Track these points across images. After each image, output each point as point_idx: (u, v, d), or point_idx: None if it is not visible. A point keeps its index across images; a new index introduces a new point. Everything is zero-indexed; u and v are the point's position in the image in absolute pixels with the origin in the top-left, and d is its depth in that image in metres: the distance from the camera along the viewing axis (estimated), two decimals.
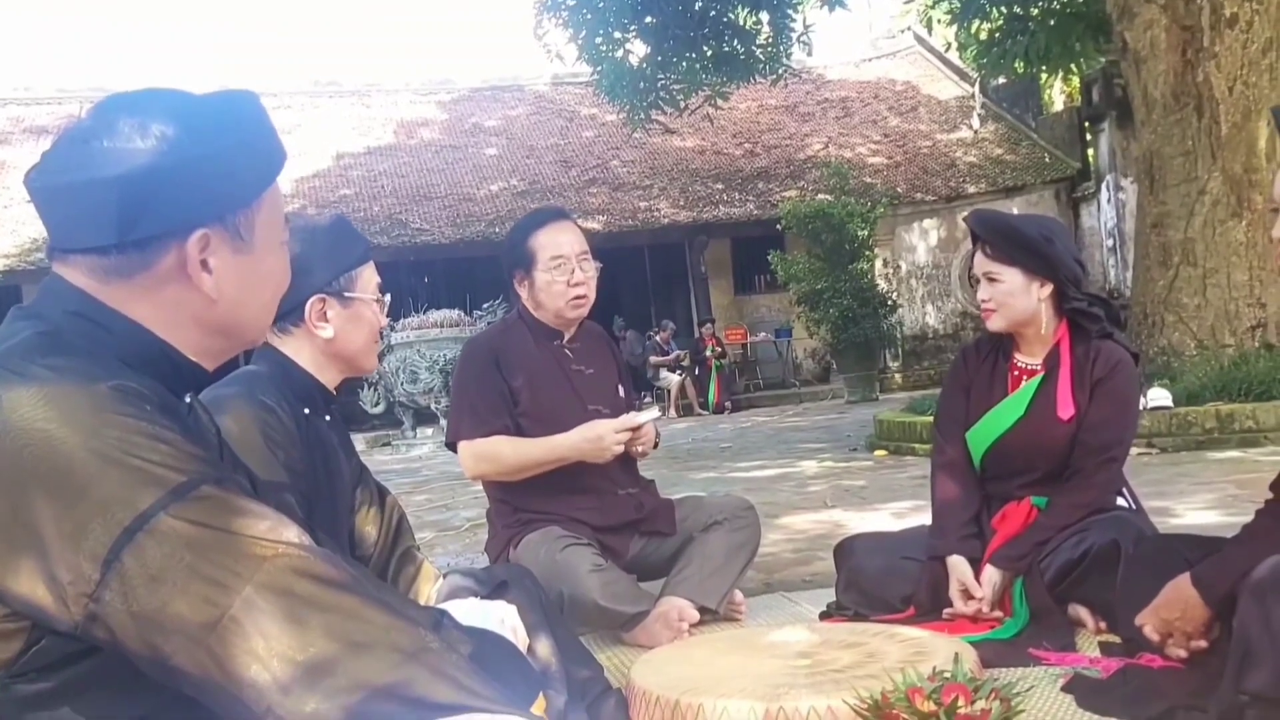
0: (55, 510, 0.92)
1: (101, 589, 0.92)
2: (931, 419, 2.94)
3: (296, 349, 1.89)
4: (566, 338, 2.84)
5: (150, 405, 0.98)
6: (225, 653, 0.92)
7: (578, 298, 2.75)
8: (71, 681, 0.98)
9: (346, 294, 1.89)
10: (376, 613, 0.99)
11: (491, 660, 1.15)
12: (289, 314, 1.85)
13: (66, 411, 0.94)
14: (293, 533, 0.98)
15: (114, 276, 1.06)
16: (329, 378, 1.94)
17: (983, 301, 2.61)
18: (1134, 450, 3.01)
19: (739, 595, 2.84)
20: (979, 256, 2.60)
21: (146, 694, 0.99)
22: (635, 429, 2.67)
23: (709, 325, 16.85)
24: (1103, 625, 2.38)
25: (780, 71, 13.57)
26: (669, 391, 15.66)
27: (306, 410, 1.85)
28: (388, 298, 1.99)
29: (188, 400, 1.15)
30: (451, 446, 2.79)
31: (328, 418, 1.93)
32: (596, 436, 2.63)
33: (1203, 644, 1.95)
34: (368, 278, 1.94)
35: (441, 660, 1.00)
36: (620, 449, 2.66)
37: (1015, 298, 2.55)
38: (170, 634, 0.92)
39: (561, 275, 2.72)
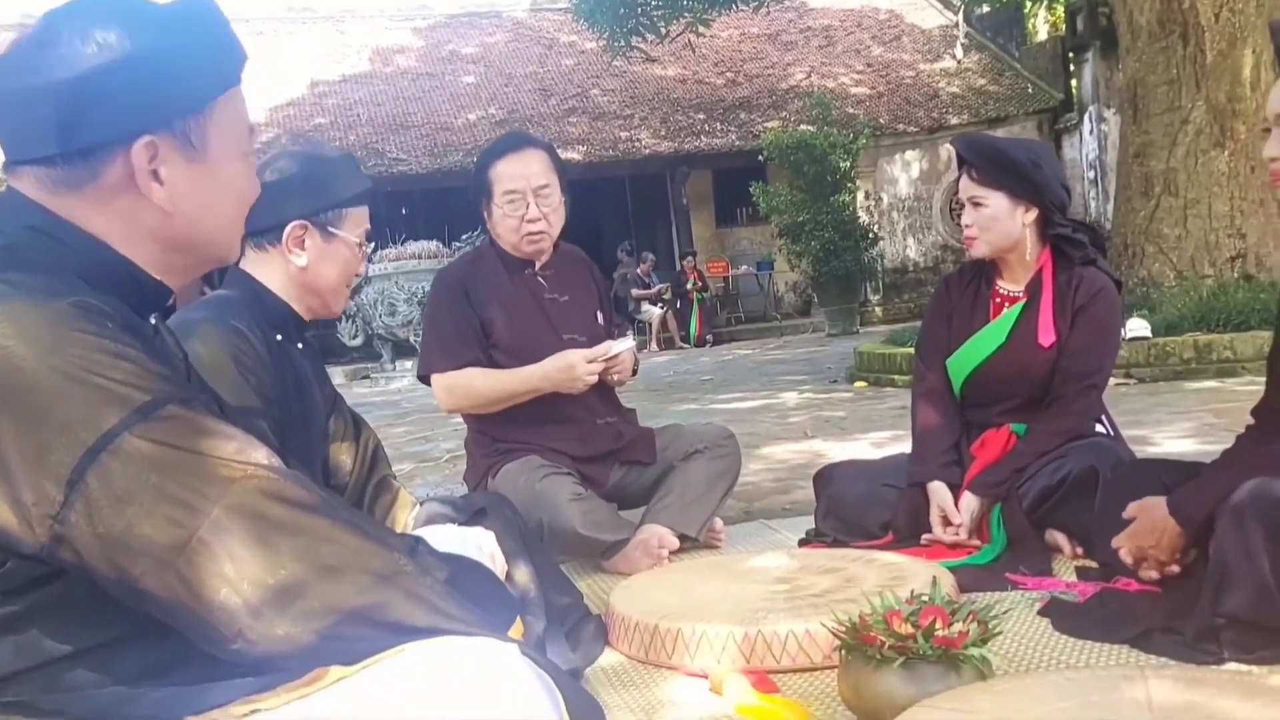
0: (16, 430, 0.90)
1: (66, 510, 0.90)
2: (911, 351, 2.93)
3: (269, 274, 1.86)
4: (539, 265, 2.79)
5: (112, 323, 0.96)
6: (194, 575, 0.91)
7: (532, 234, 2.69)
8: (39, 604, 0.96)
9: (330, 228, 1.85)
10: (348, 536, 0.97)
11: (468, 585, 1.14)
12: (267, 231, 1.81)
13: (25, 329, 0.91)
14: (261, 454, 0.96)
15: (63, 188, 1.02)
16: (300, 307, 1.90)
17: (966, 227, 2.58)
18: (1112, 380, 3.01)
19: (719, 523, 2.85)
20: (964, 180, 2.56)
21: (116, 617, 0.97)
22: (610, 358, 2.65)
23: (691, 258, 16.77)
24: (1079, 550, 2.40)
25: None
26: (650, 325, 15.64)
27: (279, 337, 1.82)
28: (371, 246, 1.94)
29: (153, 322, 1.12)
30: (424, 379, 2.76)
31: (300, 345, 1.90)
32: (568, 365, 2.61)
33: (1175, 569, 1.96)
34: (357, 220, 1.90)
35: (416, 583, 0.99)
36: (593, 379, 2.64)
37: (1000, 222, 2.53)
38: (137, 556, 0.91)
39: (515, 210, 2.67)
